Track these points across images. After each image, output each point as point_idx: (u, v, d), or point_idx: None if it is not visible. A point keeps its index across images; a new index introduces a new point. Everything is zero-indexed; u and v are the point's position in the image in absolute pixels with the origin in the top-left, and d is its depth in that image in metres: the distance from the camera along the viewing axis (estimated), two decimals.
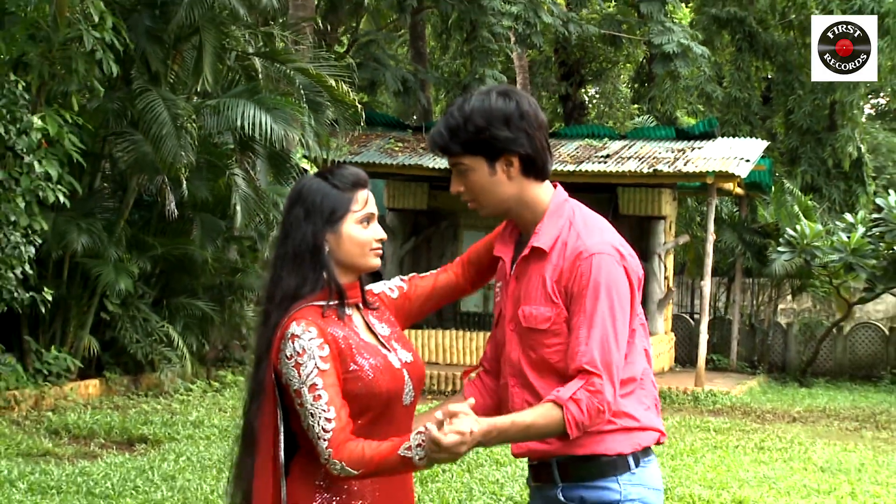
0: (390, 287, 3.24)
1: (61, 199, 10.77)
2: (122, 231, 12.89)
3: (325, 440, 2.82)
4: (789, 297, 22.61)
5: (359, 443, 2.82)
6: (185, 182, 12.62)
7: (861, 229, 17.87)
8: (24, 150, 10.24)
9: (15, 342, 12.35)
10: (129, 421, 11.10)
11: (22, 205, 10.33)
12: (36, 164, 10.33)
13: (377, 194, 9.41)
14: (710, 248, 17.46)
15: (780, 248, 18.69)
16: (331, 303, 2.97)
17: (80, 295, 12.87)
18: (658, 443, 3.11)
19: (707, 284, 17.51)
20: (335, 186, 3.00)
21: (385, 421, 2.97)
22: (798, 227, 18.53)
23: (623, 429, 3.00)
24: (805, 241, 18.25)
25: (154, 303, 13.80)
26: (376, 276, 3.19)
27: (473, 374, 3.34)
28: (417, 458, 2.74)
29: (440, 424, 2.68)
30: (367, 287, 3.15)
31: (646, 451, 3.07)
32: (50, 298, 11.23)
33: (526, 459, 3.17)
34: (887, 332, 20.67)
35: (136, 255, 13.13)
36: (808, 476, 9.83)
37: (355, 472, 2.82)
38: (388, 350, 3.02)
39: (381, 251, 3.06)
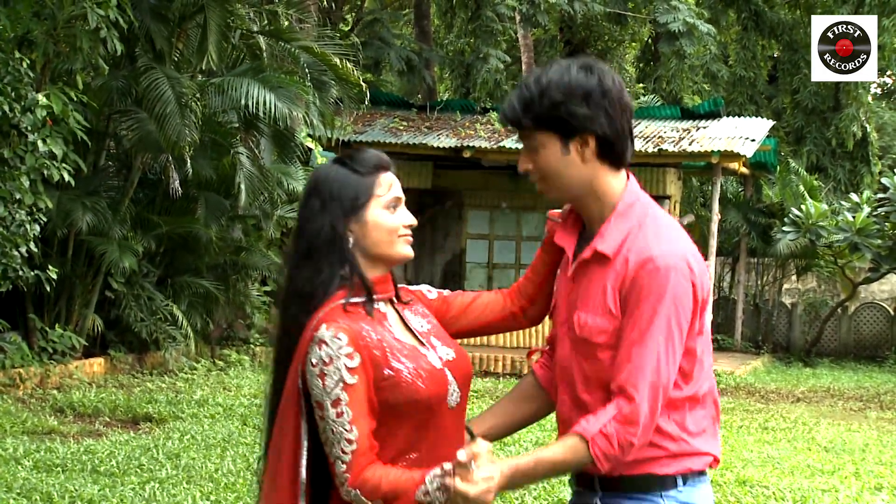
0: (429, 289, 2.99)
1: (66, 177, 10.74)
2: (126, 209, 12.88)
3: (343, 462, 2.55)
4: (794, 277, 22.61)
5: (377, 470, 2.57)
6: (189, 161, 12.62)
7: (866, 209, 17.87)
8: (29, 128, 10.21)
9: (20, 320, 12.36)
10: (134, 399, 11.11)
11: (27, 183, 10.30)
12: (40, 142, 10.29)
13: None
14: (714, 227, 17.44)
15: (784, 228, 18.69)
16: (353, 299, 2.67)
17: (84, 273, 12.88)
18: (710, 467, 2.87)
19: (711, 264, 17.51)
20: (355, 171, 2.71)
21: (430, 427, 2.68)
22: (803, 206, 18.51)
23: (671, 454, 2.77)
24: (810, 221, 18.24)
25: (158, 281, 13.80)
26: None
27: (537, 356, 3.12)
28: (438, 503, 2.51)
29: (464, 470, 2.48)
30: (402, 285, 2.88)
31: (696, 473, 2.83)
32: (55, 277, 11.22)
33: None
34: (892, 313, 20.68)
35: (141, 234, 13.14)
36: (812, 456, 9.83)
37: None
38: (427, 348, 2.74)
39: (411, 238, 2.78)
